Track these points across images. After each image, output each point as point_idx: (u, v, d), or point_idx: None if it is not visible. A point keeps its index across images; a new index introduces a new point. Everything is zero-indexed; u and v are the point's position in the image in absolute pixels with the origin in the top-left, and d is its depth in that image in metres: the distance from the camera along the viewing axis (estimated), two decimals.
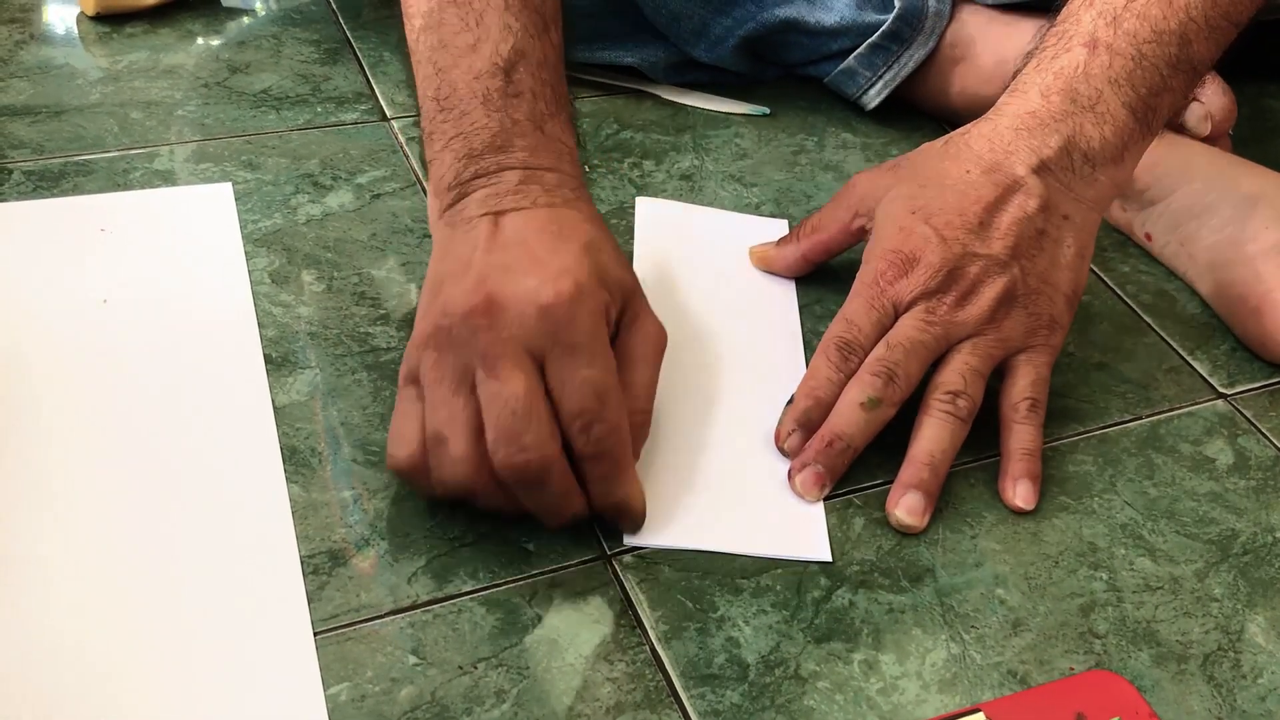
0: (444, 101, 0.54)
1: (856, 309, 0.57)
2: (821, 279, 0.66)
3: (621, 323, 0.52)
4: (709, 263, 0.67)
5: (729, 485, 0.55)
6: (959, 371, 0.56)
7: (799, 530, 0.53)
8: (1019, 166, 0.57)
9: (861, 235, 0.62)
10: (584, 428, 0.48)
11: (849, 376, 0.55)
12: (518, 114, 0.54)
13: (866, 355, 0.56)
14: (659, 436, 0.56)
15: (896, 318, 0.56)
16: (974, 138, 0.59)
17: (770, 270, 0.67)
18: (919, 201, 0.58)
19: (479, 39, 0.54)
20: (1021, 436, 0.57)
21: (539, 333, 0.48)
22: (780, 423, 0.56)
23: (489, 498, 0.49)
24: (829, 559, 0.52)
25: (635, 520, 0.52)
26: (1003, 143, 0.58)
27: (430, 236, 0.55)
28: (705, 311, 0.63)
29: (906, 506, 0.54)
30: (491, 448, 0.48)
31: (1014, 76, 0.61)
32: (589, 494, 0.50)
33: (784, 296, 0.66)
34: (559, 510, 0.50)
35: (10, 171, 0.68)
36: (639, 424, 0.52)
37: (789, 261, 0.66)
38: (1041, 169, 0.57)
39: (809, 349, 0.62)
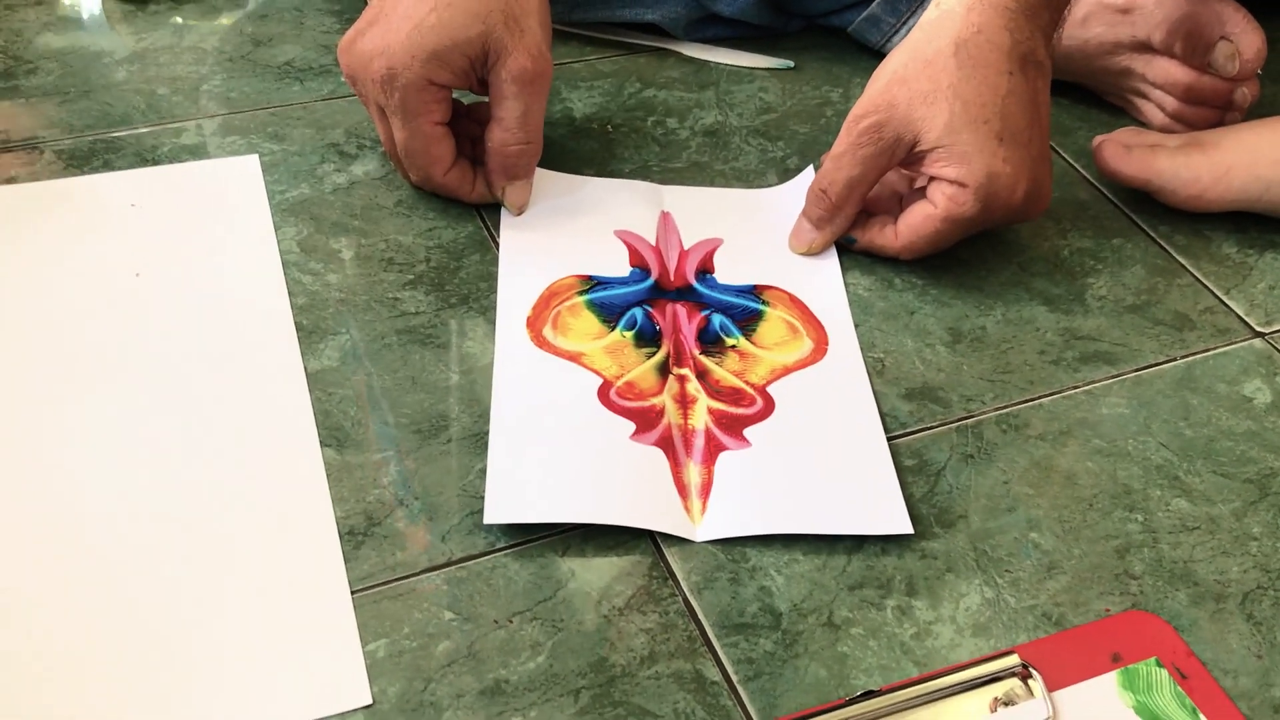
0: None
1: None
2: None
3: (489, 64, 0.61)
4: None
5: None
6: None
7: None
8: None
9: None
10: (405, 172, 0.66)
11: None
12: None
13: None
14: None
15: None
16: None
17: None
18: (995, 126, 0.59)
19: None
20: None
21: (379, 96, 0.62)
22: None
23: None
24: (910, 531, 0.51)
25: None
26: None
27: None
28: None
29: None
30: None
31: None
32: None
33: (828, 264, 0.65)
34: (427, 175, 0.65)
35: (42, 151, 0.69)
36: (513, 152, 0.63)
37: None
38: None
39: (854, 306, 0.62)
